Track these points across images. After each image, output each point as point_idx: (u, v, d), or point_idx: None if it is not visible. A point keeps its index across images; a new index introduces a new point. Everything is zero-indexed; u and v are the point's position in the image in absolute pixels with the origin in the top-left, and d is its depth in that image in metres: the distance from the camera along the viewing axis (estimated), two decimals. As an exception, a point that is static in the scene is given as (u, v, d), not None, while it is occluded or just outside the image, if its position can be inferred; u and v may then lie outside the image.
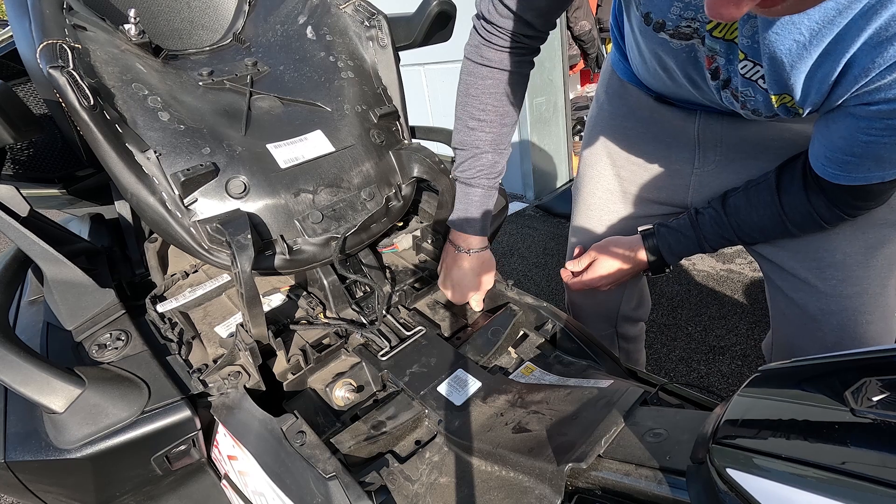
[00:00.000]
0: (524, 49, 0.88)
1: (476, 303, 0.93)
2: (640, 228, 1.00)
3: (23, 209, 0.81)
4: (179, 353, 0.76)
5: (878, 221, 0.82)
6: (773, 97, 0.67)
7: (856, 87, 0.59)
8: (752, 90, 0.69)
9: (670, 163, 1.00)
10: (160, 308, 0.85)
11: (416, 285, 0.94)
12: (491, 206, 0.97)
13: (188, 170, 0.73)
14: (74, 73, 0.67)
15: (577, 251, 1.10)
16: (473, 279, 0.92)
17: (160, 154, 0.74)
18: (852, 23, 0.54)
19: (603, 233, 1.11)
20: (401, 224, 1.06)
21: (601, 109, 1.09)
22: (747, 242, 0.93)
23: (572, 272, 1.07)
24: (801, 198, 0.81)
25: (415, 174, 0.93)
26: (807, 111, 0.66)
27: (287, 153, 0.83)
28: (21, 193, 0.81)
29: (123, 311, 0.80)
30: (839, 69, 0.58)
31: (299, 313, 0.86)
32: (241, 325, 0.76)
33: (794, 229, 0.85)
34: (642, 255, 0.99)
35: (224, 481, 0.82)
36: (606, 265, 1.02)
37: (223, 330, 0.82)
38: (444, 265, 0.95)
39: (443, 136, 1.15)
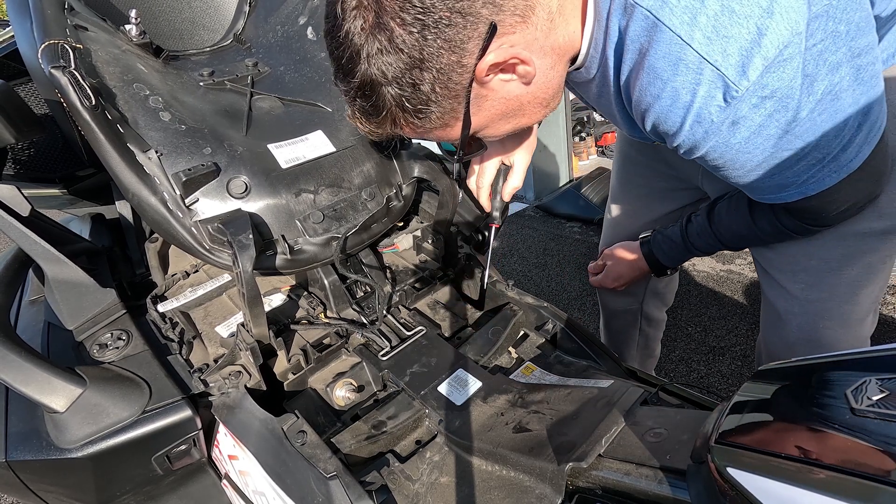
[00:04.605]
0: None
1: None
2: (640, 235, 1.08)
3: (24, 209, 0.81)
4: (180, 353, 0.76)
5: (863, 231, 0.80)
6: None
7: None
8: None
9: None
10: (161, 308, 0.85)
11: (416, 285, 0.94)
12: None
13: (189, 170, 0.73)
14: (76, 73, 0.67)
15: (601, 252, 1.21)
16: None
17: (161, 154, 0.74)
18: (615, 94, 0.68)
19: (645, 215, 1.17)
20: (401, 224, 1.06)
21: None
22: (732, 248, 0.96)
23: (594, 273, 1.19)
24: (767, 210, 0.81)
25: (415, 174, 0.93)
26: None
27: (288, 153, 0.83)
28: (22, 193, 0.81)
29: (124, 311, 0.80)
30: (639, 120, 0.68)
31: (300, 313, 0.86)
32: (242, 324, 0.76)
33: (767, 238, 0.86)
34: (643, 259, 1.06)
35: (224, 481, 0.82)
36: (616, 268, 1.12)
37: (224, 330, 0.82)
38: None
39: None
